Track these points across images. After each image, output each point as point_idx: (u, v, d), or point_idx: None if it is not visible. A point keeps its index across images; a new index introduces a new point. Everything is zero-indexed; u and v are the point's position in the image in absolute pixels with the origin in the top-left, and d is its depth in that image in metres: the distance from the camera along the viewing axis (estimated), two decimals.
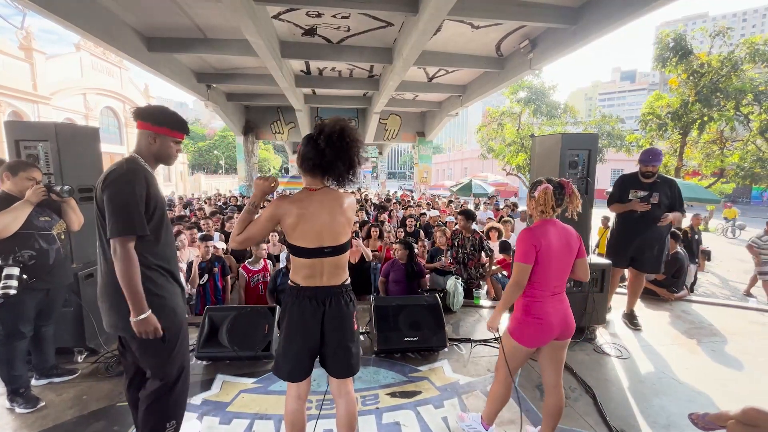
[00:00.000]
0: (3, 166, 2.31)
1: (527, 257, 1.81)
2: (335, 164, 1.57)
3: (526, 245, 1.83)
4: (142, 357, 1.74)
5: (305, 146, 1.60)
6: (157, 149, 1.72)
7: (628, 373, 2.80)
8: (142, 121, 1.70)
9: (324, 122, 1.58)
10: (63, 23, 6.25)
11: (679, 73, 9.11)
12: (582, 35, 7.23)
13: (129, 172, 1.60)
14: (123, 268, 1.54)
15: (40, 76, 18.31)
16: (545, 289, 1.86)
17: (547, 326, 1.84)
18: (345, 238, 1.67)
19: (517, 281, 1.84)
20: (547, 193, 1.86)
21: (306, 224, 1.57)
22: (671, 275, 4.40)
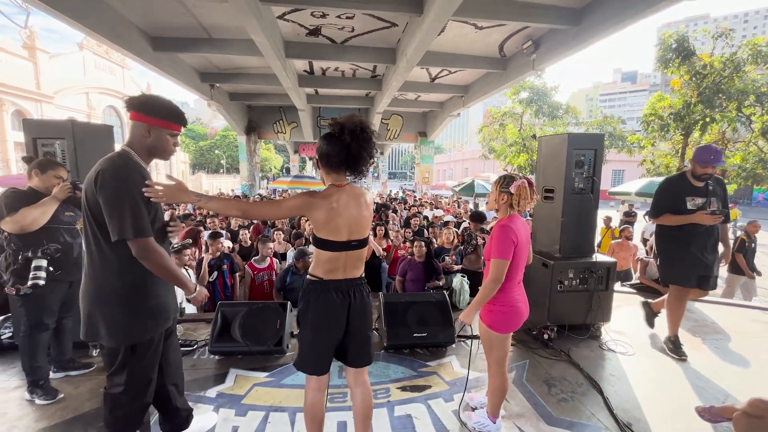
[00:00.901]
0: (33, 163, 2.40)
1: (506, 253, 1.87)
2: (361, 157, 1.63)
3: (506, 242, 1.87)
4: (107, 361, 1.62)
5: (328, 145, 1.63)
6: (151, 142, 1.60)
7: (634, 369, 2.85)
8: (135, 112, 1.57)
9: (339, 120, 1.62)
10: (70, 22, 6.30)
11: (681, 74, 9.16)
12: (585, 36, 7.27)
13: (122, 168, 1.50)
14: (158, 263, 1.54)
15: (43, 75, 18.40)
16: (515, 279, 1.98)
17: (519, 312, 1.98)
18: (368, 232, 1.75)
19: (497, 278, 1.87)
20: (525, 188, 1.94)
21: (337, 219, 1.62)
22: None
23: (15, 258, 2.24)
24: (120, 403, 1.62)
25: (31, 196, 2.31)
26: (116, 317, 1.55)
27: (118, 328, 1.56)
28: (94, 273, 1.55)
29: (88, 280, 1.57)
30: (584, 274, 3.25)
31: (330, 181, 1.70)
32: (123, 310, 1.56)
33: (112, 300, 1.54)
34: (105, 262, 1.54)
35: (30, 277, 2.17)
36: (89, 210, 1.51)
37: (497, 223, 1.96)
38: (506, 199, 1.97)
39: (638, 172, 13.83)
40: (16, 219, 2.18)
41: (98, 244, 1.53)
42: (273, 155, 47.89)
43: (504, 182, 1.99)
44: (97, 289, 1.55)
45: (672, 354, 3.04)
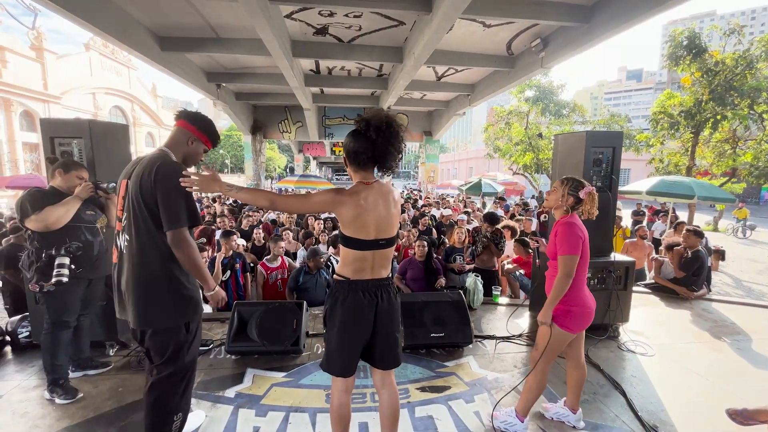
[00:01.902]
0: (57, 163, 2.44)
1: (576, 248, 1.90)
2: (389, 152, 1.60)
3: (575, 237, 1.91)
4: (161, 346, 1.68)
5: (355, 142, 1.61)
6: (188, 150, 1.79)
7: (654, 370, 2.81)
8: (188, 122, 1.77)
9: (364, 117, 1.59)
10: (80, 22, 6.32)
11: (692, 71, 9.05)
12: (594, 34, 7.21)
13: (176, 164, 1.66)
14: (191, 254, 1.64)
15: (50, 76, 18.51)
16: (584, 277, 2.00)
17: (591, 311, 2.00)
18: (396, 230, 1.71)
19: (568, 272, 1.90)
20: (594, 196, 1.99)
21: (365, 216, 1.59)
22: (691, 273, 4.39)
23: (38, 256, 2.26)
24: (174, 389, 1.72)
25: (54, 195, 2.34)
26: (172, 298, 1.67)
27: (175, 307, 1.68)
28: (146, 260, 1.63)
29: (137, 269, 1.63)
30: (602, 274, 3.22)
31: (358, 178, 1.67)
32: (177, 292, 1.68)
33: (166, 283, 1.65)
34: (158, 249, 1.63)
35: (54, 274, 2.19)
36: (143, 202, 1.59)
37: (561, 221, 1.99)
38: (571, 202, 1.99)
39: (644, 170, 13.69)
40: (41, 217, 2.21)
41: (150, 233, 1.62)
42: (277, 155, 47.99)
43: (573, 185, 2.01)
44: (151, 275, 1.64)
45: None
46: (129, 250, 1.64)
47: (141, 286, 1.64)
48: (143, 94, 26.21)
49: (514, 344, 3.20)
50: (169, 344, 1.69)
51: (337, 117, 17.37)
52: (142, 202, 1.59)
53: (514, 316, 3.79)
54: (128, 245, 1.64)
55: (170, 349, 1.69)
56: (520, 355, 3.03)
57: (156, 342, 1.69)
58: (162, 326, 1.67)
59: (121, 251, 1.70)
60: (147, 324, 1.66)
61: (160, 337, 1.68)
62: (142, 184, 1.59)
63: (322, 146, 23.78)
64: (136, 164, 1.70)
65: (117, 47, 9.10)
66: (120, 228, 1.71)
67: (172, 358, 1.70)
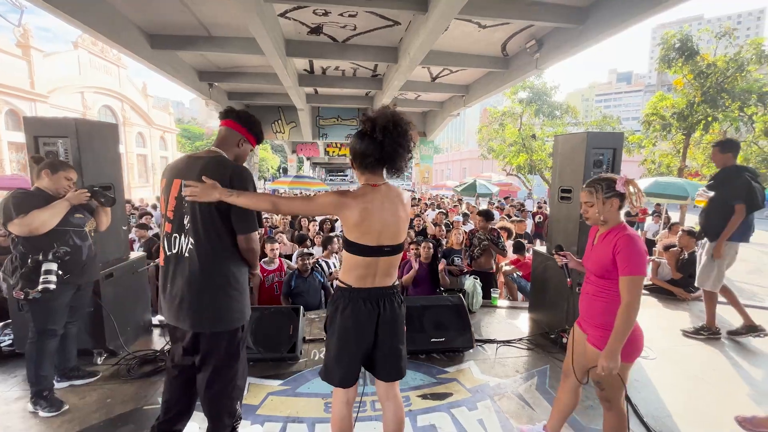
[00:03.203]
0: (44, 163, 2.30)
1: (644, 268, 1.57)
2: (397, 153, 1.51)
3: (642, 253, 1.55)
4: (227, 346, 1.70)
5: (361, 144, 1.53)
6: (238, 152, 1.78)
7: (657, 373, 2.78)
8: (238, 123, 1.75)
9: (369, 116, 1.51)
10: (69, 20, 6.15)
11: (684, 73, 9.14)
12: (589, 35, 7.22)
13: (246, 170, 1.70)
14: (258, 253, 1.73)
15: (37, 74, 18.10)
16: None
17: (643, 334, 1.66)
18: (403, 237, 1.62)
19: (638, 298, 1.54)
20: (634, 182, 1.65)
21: (369, 221, 1.51)
22: (688, 275, 4.40)
23: (23, 261, 2.14)
24: (237, 383, 1.75)
25: (41, 197, 2.22)
26: (239, 300, 1.70)
27: (240, 309, 1.71)
28: (217, 263, 1.63)
29: (208, 272, 1.61)
30: None
31: (364, 180, 1.59)
32: (240, 294, 1.71)
33: (234, 286, 1.67)
34: (228, 252, 1.65)
35: (40, 281, 2.08)
36: (215, 205, 1.58)
37: (622, 233, 1.60)
38: (616, 204, 1.64)
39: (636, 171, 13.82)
40: (26, 221, 2.08)
41: (220, 236, 1.62)
42: (270, 155, 47.64)
43: (604, 187, 1.67)
44: (223, 277, 1.64)
45: None
46: (195, 253, 1.60)
47: (211, 289, 1.63)
48: (134, 94, 25.75)
49: (515, 348, 3.15)
50: (235, 342, 1.72)
51: (332, 117, 17.25)
52: (214, 205, 1.58)
53: (514, 318, 3.74)
54: (193, 248, 1.60)
55: (234, 346, 1.72)
56: (522, 359, 2.98)
57: (219, 343, 1.68)
58: (230, 327, 1.68)
59: (178, 254, 1.63)
60: (215, 326, 1.65)
61: (225, 337, 1.68)
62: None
63: (315, 147, 23.61)
64: (188, 164, 1.65)
65: (107, 45, 8.93)
66: (169, 229, 1.65)
67: (231, 357, 1.72)
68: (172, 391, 1.78)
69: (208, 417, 1.75)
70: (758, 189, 3.19)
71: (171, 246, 1.64)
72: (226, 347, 1.69)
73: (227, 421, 1.76)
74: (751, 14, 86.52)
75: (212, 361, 1.69)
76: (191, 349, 1.71)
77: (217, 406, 1.72)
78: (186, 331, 1.68)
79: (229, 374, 1.72)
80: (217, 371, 1.70)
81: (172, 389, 1.78)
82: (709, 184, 3.42)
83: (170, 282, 1.65)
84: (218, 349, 1.69)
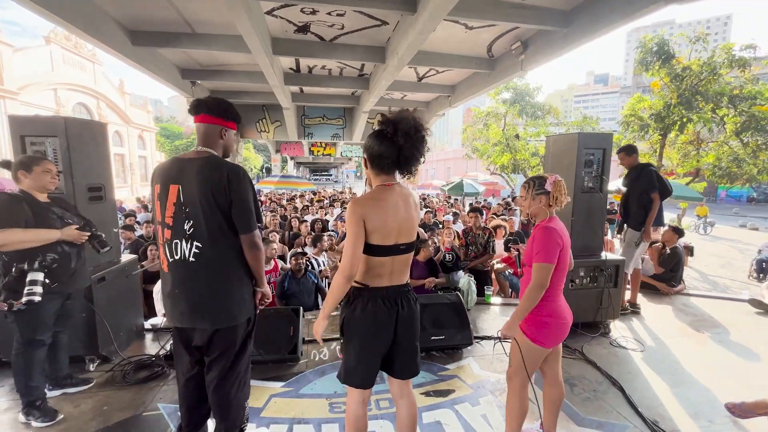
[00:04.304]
0: (14, 164, 2.15)
1: (552, 256, 1.72)
2: (414, 157, 1.54)
3: (552, 244, 1.72)
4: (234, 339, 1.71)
5: (380, 145, 1.53)
6: (224, 143, 1.75)
7: (647, 365, 2.90)
8: (211, 116, 1.69)
9: (391, 119, 1.51)
10: (44, 14, 5.86)
11: (661, 76, 9.51)
12: (573, 38, 7.36)
13: (242, 168, 1.69)
14: (260, 256, 1.72)
15: (6, 70, 17.28)
16: (559, 287, 1.82)
17: (566, 324, 1.83)
18: (415, 234, 1.65)
19: (542, 283, 1.73)
20: (560, 182, 1.82)
21: (386, 221, 1.52)
22: (669, 269, 4.58)
23: (7, 269, 2.02)
24: (245, 377, 1.79)
25: (27, 202, 2.07)
26: (245, 295, 1.73)
27: (248, 302, 1.75)
28: (225, 263, 1.65)
29: (217, 273, 1.63)
30: (594, 272, 3.29)
31: (378, 182, 1.60)
32: (249, 287, 1.76)
33: (242, 282, 1.70)
34: (233, 251, 1.66)
35: (25, 292, 1.97)
36: (217, 206, 1.59)
37: (538, 225, 1.82)
38: (544, 201, 1.82)
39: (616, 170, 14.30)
40: (2, 238, 1.95)
41: (225, 236, 1.63)
42: (253, 155, 46.86)
43: (536, 184, 1.85)
44: (232, 276, 1.67)
45: None
46: (203, 256, 1.61)
47: (223, 288, 1.66)
48: (110, 91, 24.86)
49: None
50: (243, 336, 1.75)
51: (317, 116, 17.08)
52: (215, 206, 1.59)
53: (507, 315, 3.81)
54: (201, 252, 1.60)
55: (243, 340, 1.75)
56: None
57: (228, 337, 1.70)
58: (242, 320, 1.71)
59: (182, 259, 1.60)
60: (228, 321, 1.67)
61: (234, 331, 1.70)
62: (215, 190, 1.58)
63: (300, 146, 23.35)
64: (181, 167, 1.62)
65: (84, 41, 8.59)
66: (169, 236, 1.61)
67: (243, 349, 1.76)
68: (188, 395, 1.77)
69: (219, 417, 1.75)
70: (665, 179, 3.78)
71: (174, 252, 1.62)
72: (241, 338, 1.75)
73: (237, 420, 1.77)
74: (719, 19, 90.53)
75: (226, 355, 1.72)
76: (204, 348, 1.71)
77: (228, 402, 1.73)
78: (203, 330, 1.67)
79: (241, 366, 1.77)
80: (230, 363, 1.73)
81: (188, 394, 1.77)
82: (625, 182, 3.92)
83: (179, 287, 1.62)
84: (234, 341, 1.72)
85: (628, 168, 3.90)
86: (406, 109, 1.56)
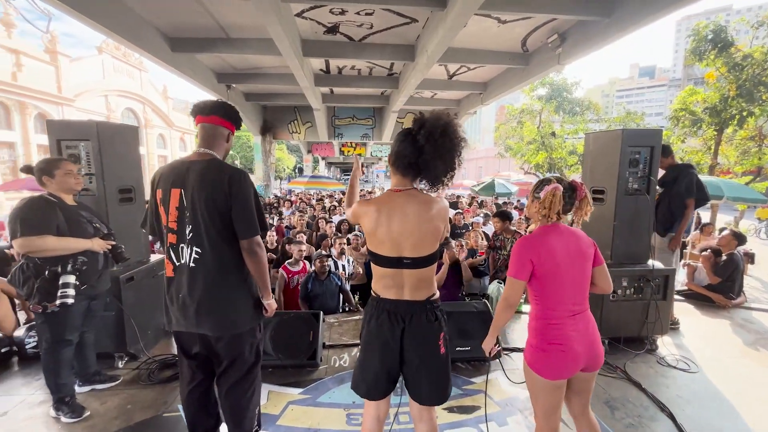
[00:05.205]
0: (36, 170, 2.18)
1: (519, 271, 1.53)
2: (434, 164, 1.39)
3: (520, 257, 1.54)
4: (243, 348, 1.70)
5: (401, 142, 1.43)
6: (228, 147, 1.73)
7: (701, 389, 2.59)
8: (225, 119, 1.68)
9: (424, 116, 1.40)
10: (90, 23, 6.26)
11: (717, 66, 8.69)
12: (616, 28, 6.91)
13: (246, 175, 1.66)
14: (263, 261, 1.66)
15: (64, 79, 18.71)
16: (561, 308, 1.54)
17: (571, 354, 1.50)
18: (429, 250, 1.47)
19: (506, 298, 1.58)
20: (555, 195, 1.54)
21: (383, 228, 1.41)
22: (726, 279, 4.13)
23: (37, 271, 2.06)
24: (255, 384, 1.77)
25: (54, 210, 2.10)
26: (251, 301, 1.70)
27: (254, 310, 1.71)
28: (226, 269, 1.62)
29: (219, 279, 1.60)
30: (639, 282, 2.99)
31: (393, 183, 1.50)
32: (254, 295, 1.72)
33: (246, 288, 1.67)
34: (235, 257, 1.63)
35: (58, 294, 2.02)
36: (218, 211, 1.56)
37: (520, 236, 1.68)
38: (537, 207, 1.61)
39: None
40: (35, 244, 1.99)
41: (225, 241, 1.60)
42: (286, 155, 48.08)
43: (537, 187, 1.64)
44: (234, 282, 1.64)
45: None
46: (203, 262, 1.58)
47: (223, 295, 1.62)
48: (154, 96, 26.37)
49: None
50: (251, 345, 1.73)
51: (347, 117, 17.24)
52: (216, 211, 1.56)
53: None
54: (201, 258, 1.58)
55: (251, 348, 1.73)
56: None
57: (239, 344, 1.68)
58: (246, 328, 1.68)
59: (185, 264, 1.59)
60: (232, 329, 1.64)
61: (241, 339, 1.68)
62: (215, 194, 1.55)
63: (330, 146, 23.67)
64: (183, 171, 1.59)
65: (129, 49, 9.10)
66: (174, 240, 1.60)
67: (252, 359, 1.74)
68: (190, 404, 1.76)
69: (232, 424, 1.74)
70: (704, 186, 3.48)
71: (179, 256, 1.60)
72: (249, 347, 1.72)
73: (249, 426, 1.76)
74: None
75: (237, 363, 1.70)
76: (207, 354, 1.70)
77: (241, 408, 1.73)
78: (205, 335, 1.64)
79: (252, 375, 1.75)
80: (242, 373, 1.71)
81: (191, 403, 1.75)
82: (661, 182, 3.48)
83: (183, 291, 1.60)
84: (242, 350, 1.70)
85: (666, 168, 3.59)
86: (446, 111, 1.41)
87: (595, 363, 1.58)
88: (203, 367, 1.74)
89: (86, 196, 2.65)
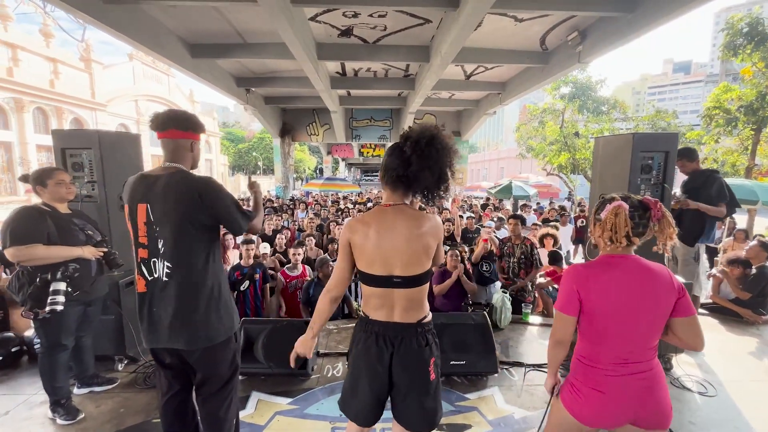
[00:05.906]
0: (30, 179, 2.24)
1: (566, 305, 1.35)
2: (422, 175, 1.33)
3: (567, 289, 1.36)
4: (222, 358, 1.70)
5: (389, 156, 1.39)
6: (194, 156, 1.73)
7: (718, 415, 2.38)
8: (180, 130, 1.64)
9: (411, 128, 1.37)
10: (114, 33, 6.52)
11: (754, 61, 8.11)
12: (639, 24, 6.58)
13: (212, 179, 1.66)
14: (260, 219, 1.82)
15: (97, 85, 19.68)
16: (607, 354, 1.32)
17: (612, 404, 1.31)
18: (421, 269, 1.40)
19: (553, 333, 1.41)
20: (618, 214, 1.31)
21: (371, 246, 1.36)
22: (757, 294, 3.82)
23: (30, 278, 2.13)
24: (233, 395, 1.77)
25: (51, 216, 2.17)
26: (225, 311, 1.68)
27: (228, 319, 1.69)
28: (201, 281, 1.61)
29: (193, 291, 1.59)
30: None
31: (384, 199, 1.46)
32: (227, 304, 1.71)
33: (219, 299, 1.66)
34: (209, 267, 1.63)
35: (48, 301, 2.07)
36: (193, 223, 1.56)
37: None
38: (598, 232, 1.37)
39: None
40: (25, 253, 2.04)
41: (196, 255, 1.59)
42: (307, 157, 48.82)
43: (598, 208, 1.40)
44: (209, 294, 1.62)
45: None
46: (174, 275, 1.57)
47: (200, 306, 1.61)
48: (181, 100, 27.37)
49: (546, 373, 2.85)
50: (226, 356, 1.72)
51: (364, 119, 17.28)
52: (189, 224, 1.56)
53: (547, 338, 3.41)
54: (171, 271, 1.56)
55: (227, 359, 1.72)
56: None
57: (213, 356, 1.68)
58: (219, 340, 1.66)
59: (159, 278, 1.58)
60: (209, 341, 1.63)
61: (218, 350, 1.67)
62: (185, 207, 1.55)
63: (350, 148, 23.82)
64: (147, 186, 1.58)
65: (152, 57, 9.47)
66: (146, 255, 1.58)
67: (230, 367, 1.74)
68: (166, 416, 1.75)
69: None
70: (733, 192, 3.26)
71: (151, 271, 1.59)
72: (225, 358, 1.71)
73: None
74: None
75: (213, 376, 1.70)
76: (183, 368, 1.70)
77: (219, 419, 1.72)
78: (179, 350, 1.63)
79: (230, 385, 1.75)
80: (219, 385, 1.71)
81: (166, 414, 1.74)
82: (685, 189, 3.30)
83: (156, 306, 1.59)
84: (218, 362, 1.69)
85: (690, 173, 3.38)
86: (434, 124, 1.38)
87: (654, 420, 1.32)
88: (179, 378, 1.73)
89: (89, 202, 2.73)
